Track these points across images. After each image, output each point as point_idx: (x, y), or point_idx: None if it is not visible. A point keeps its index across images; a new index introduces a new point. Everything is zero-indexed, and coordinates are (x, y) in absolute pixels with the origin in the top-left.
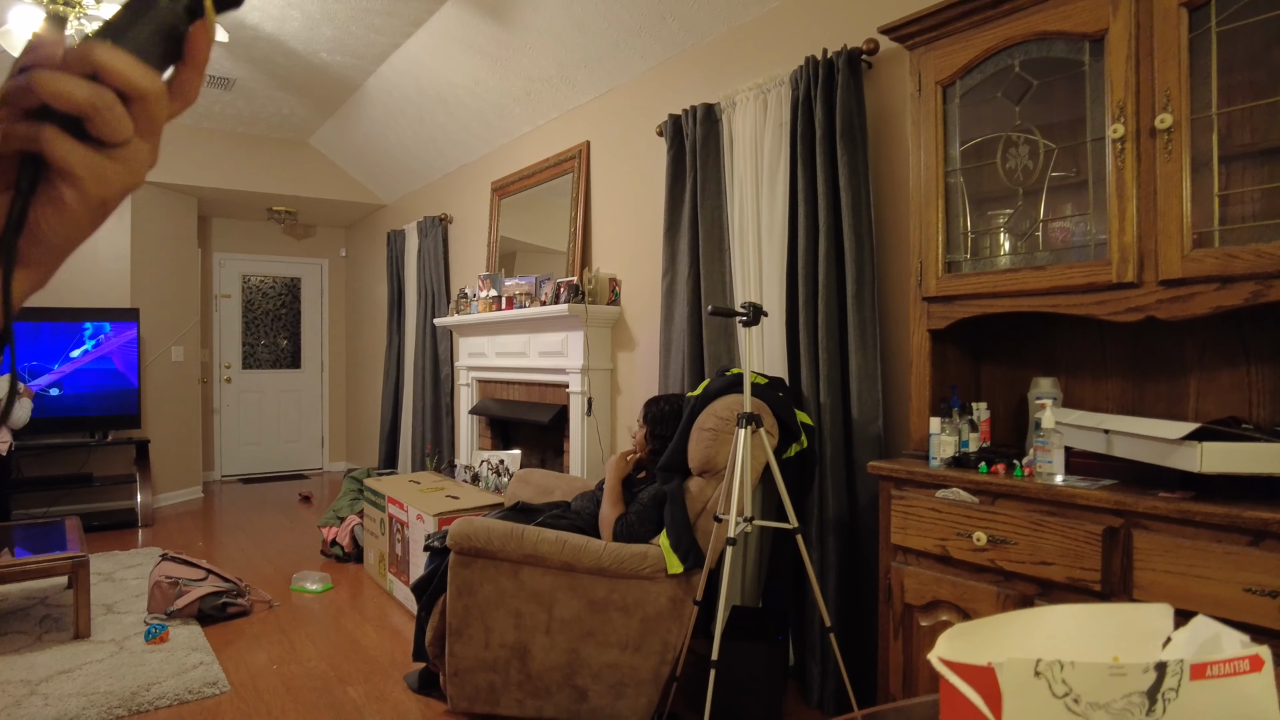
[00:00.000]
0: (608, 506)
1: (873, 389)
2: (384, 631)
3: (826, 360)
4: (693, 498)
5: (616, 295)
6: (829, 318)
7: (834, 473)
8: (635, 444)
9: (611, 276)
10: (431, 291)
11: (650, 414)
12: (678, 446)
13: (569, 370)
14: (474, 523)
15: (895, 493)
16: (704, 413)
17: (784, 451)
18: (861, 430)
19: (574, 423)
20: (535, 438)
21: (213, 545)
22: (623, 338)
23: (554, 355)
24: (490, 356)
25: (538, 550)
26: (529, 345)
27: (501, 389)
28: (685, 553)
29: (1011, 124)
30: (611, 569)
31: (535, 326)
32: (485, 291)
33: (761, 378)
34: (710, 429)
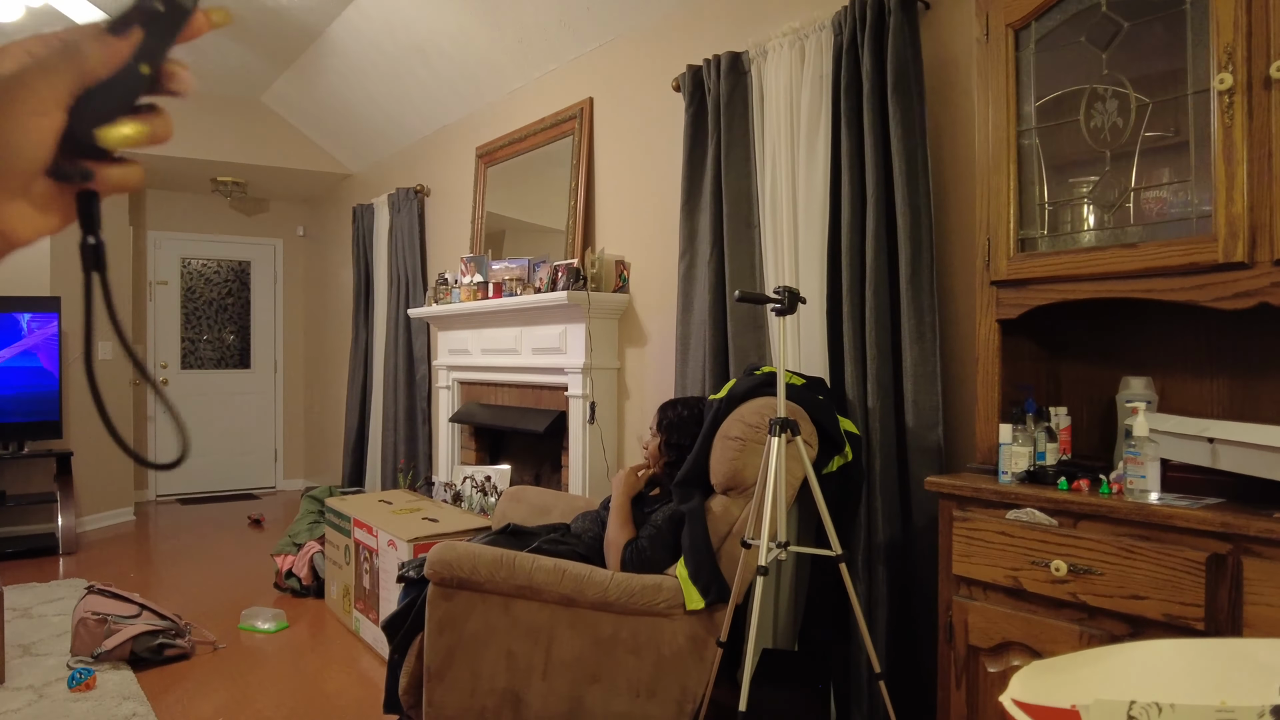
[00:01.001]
0: (615, 529)
1: (931, 390)
2: (350, 678)
3: (876, 357)
4: (715, 519)
5: (624, 281)
6: (878, 306)
7: (884, 490)
8: (647, 455)
9: (618, 259)
10: (405, 277)
11: (665, 420)
12: (698, 458)
13: (568, 370)
14: (457, 548)
15: (958, 514)
16: (729, 419)
17: (825, 465)
18: (917, 440)
19: (574, 432)
20: (528, 450)
21: (147, 576)
22: (632, 331)
23: (550, 352)
24: (475, 354)
25: (533, 580)
26: (521, 340)
27: (488, 392)
28: (706, 584)
29: (1097, 74)
30: (620, 603)
31: (528, 318)
32: (469, 277)
33: (798, 378)
34: (737, 438)
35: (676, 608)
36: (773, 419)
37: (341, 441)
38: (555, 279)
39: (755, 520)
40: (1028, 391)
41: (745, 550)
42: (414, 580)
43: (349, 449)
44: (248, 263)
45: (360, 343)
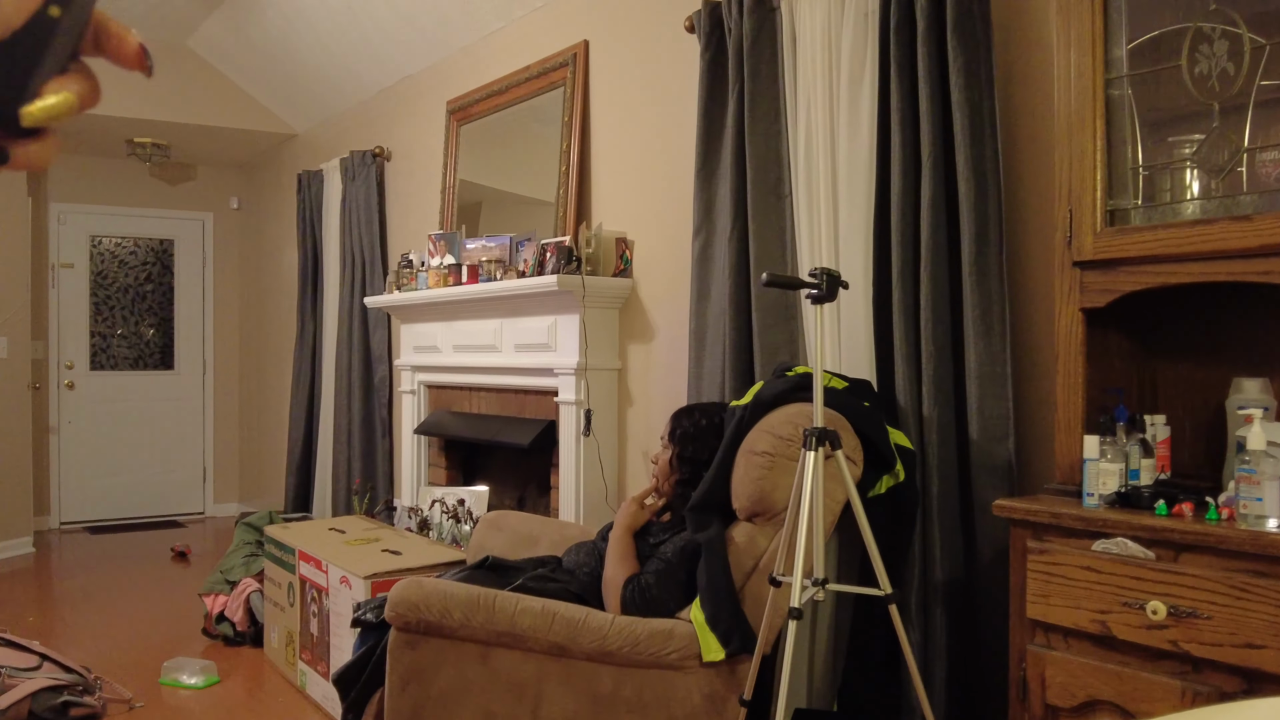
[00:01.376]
0: (613, 565)
1: (999, 395)
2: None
3: (933, 354)
4: (739, 551)
5: (627, 263)
6: (936, 292)
7: (943, 515)
8: (655, 472)
9: (620, 236)
10: (361, 258)
11: (679, 430)
12: (716, 478)
13: (559, 371)
14: (425, 585)
15: (1033, 544)
16: (756, 429)
17: (871, 486)
18: (983, 455)
19: (565, 446)
20: (510, 468)
21: (50, 620)
22: (636, 324)
23: (537, 349)
24: (445, 352)
25: (516, 625)
26: (501, 335)
27: (462, 398)
28: (727, 631)
29: (1203, 10)
30: (622, 653)
31: (510, 308)
32: (438, 258)
33: (839, 380)
34: (764, 453)
35: (691, 659)
36: (808, 429)
37: (284, 458)
38: (543, 261)
39: (787, 552)
40: (1118, 396)
41: (774, 589)
42: (372, 624)
43: (293, 467)
44: (171, 241)
45: (307, 338)
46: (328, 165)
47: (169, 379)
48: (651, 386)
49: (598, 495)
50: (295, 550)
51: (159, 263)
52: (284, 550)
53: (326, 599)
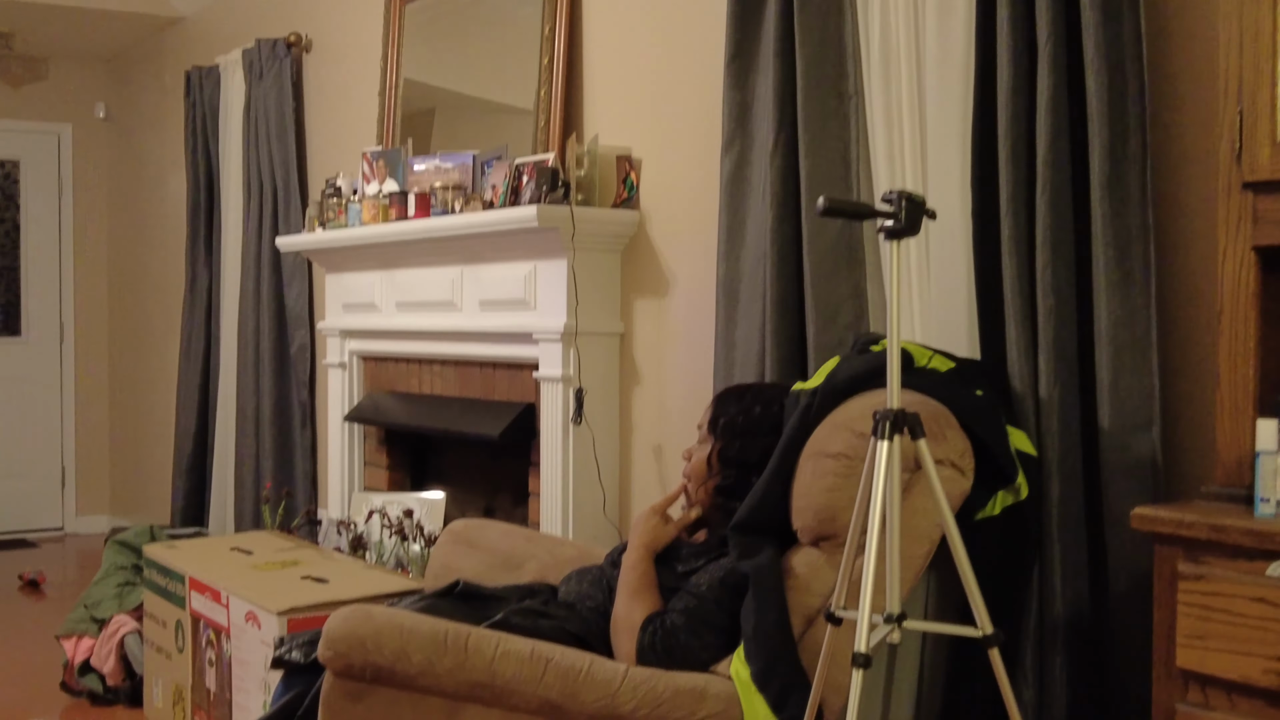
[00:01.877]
0: (628, 599)
1: (1141, 366)
2: None
3: (1053, 309)
4: (800, 586)
5: (631, 190)
6: (1057, 225)
7: (1065, 531)
8: (688, 472)
9: (622, 153)
10: (272, 185)
11: (722, 419)
12: (772, 486)
13: (540, 336)
14: (375, 616)
15: (1186, 568)
16: (827, 424)
17: (982, 505)
18: (1117, 446)
19: (548, 438)
20: (475, 468)
21: None
22: (644, 272)
23: (510, 308)
24: (386, 311)
25: (497, 675)
26: (461, 288)
27: (408, 374)
28: (782, 692)
29: None
30: (638, 715)
31: (474, 251)
32: (376, 185)
33: (943, 358)
34: (840, 454)
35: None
36: (880, 411)
37: (170, 456)
38: (517, 187)
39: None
40: None
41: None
42: (299, 667)
43: (182, 468)
44: (15, 164)
45: (199, 294)
46: (225, 59)
47: (14, 349)
48: (666, 357)
49: (592, 505)
50: (185, 577)
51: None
52: (170, 577)
53: (228, 642)
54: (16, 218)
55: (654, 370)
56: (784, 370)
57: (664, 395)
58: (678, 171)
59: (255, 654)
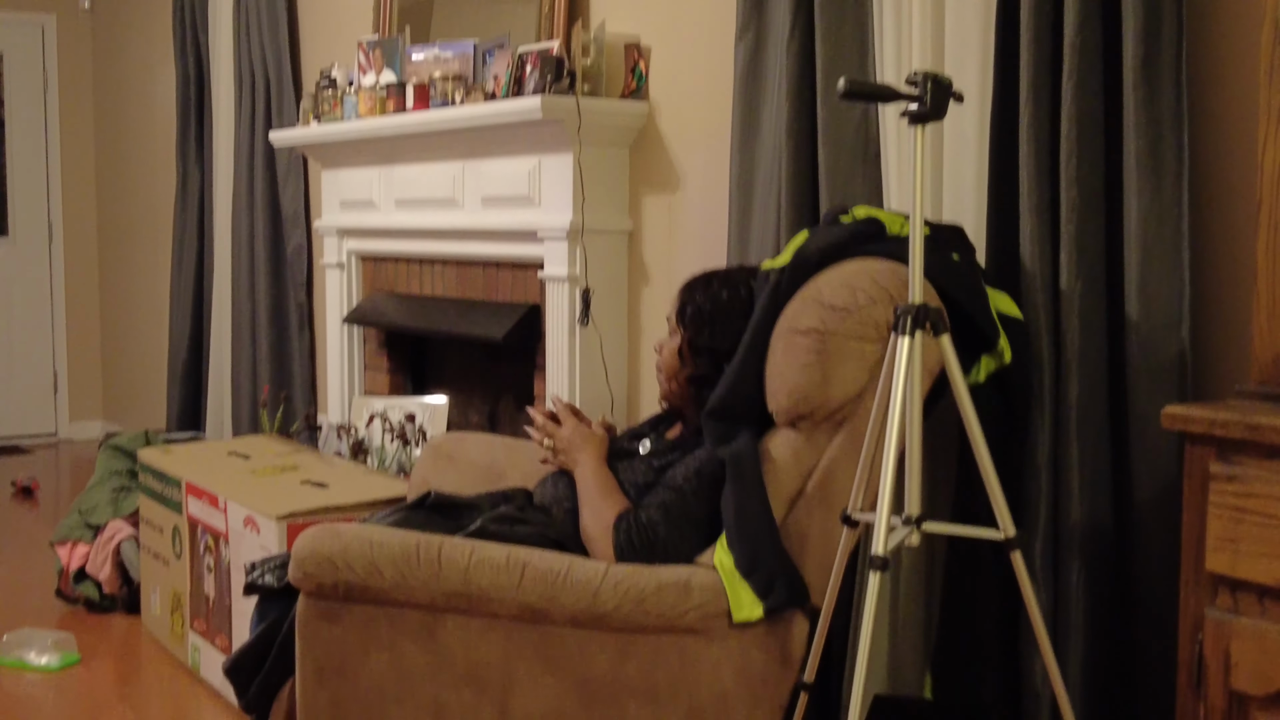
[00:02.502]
0: (594, 503)
1: (1172, 262)
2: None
3: (1075, 200)
4: (779, 470)
5: (640, 80)
6: (1083, 109)
7: (1085, 431)
8: (660, 365)
9: (631, 41)
10: (265, 78)
11: (690, 308)
12: (744, 369)
13: (545, 234)
14: (342, 533)
15: (1218, 469)
16: (798, 299)
17: (964, 372)
18: (1146, 345)
19: (555, 340)
20: (478, 372)
21: None
22: (654, 166)
23: (514, 204)
24: (384, 209)
25: (472, 583)
26: (462, 184)
27: (409, 274)
28: (768, 579)
29: None
30: (620, 614)
31: (476, 145)
32: (372, 76)
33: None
34: (812, 330)
35: (716, 619)
36: (901, 306)
37: (164, 360)
38: (520, 78)
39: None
40: None
41: (848, 530)
42: (274, 592)
43: (178, 372)
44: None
45: (191, 192)
46: None
47: (1, 250)
48: (677, 256)
49: (600, 407)
50: (181, 482)
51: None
52: (166, 483)
53: (226, 548)
54: (1, 113)
55: (664, 269)
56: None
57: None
58: (689, 60)
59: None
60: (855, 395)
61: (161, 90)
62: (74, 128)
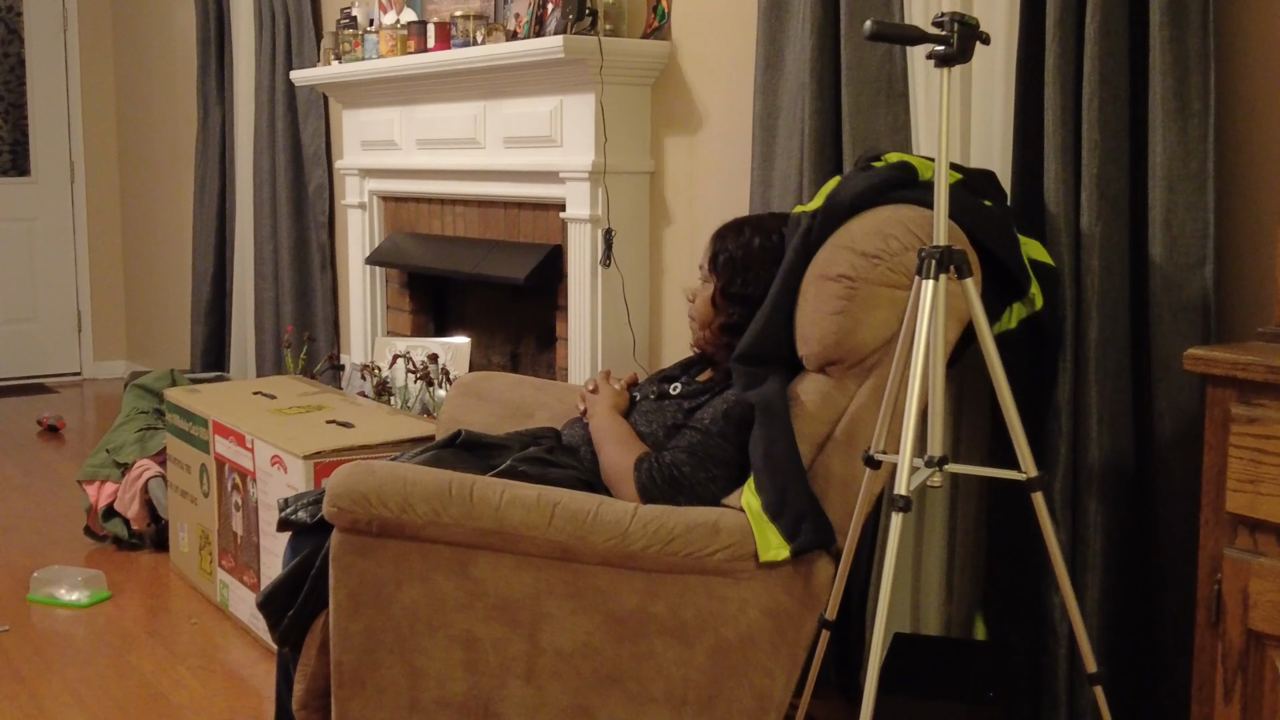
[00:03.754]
0: (613, 449)
1: (1196, 202)
2: (212, 682)
3: (1098, 142)
4: (807, 414)
5: (662, 18)
6: (1107, 50)
7: (1104, 370)
8: (693, 313)
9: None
10: (285, 16)
11: (724, 254)
12: (774, 314)
13: (566, 174)
14: (376, 470)
15: (1239, 410)
16: (829, 245)
17: (995, 319)
18: (1168, 286)
19: (577, 281)
20: (500, 313)
21: None
22: (676, 106)
23: (536, 145)
24: (406, 149)
25: (505, 520)
26: (484, 125)
27: (430, 215)
28: (795, 521)
29: None
30: (649, 554)
31: (497, 85)
32: (393, 14)
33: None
34: (843, 277)
35: (744, 560)
36: (926, 249)
37: (188, 299)
38: (542, 16)
39: (887, 420)
40: None
41: (870, 471)
42: (307, 527)
43: (201, 312)
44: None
45: (212, 132)
46: None
47: (24, 190)
48: (699, 196)
49: (622, 348)
50: (208, 421)
51: (2, 24)
52: (192, 421)
53: (253, 486)
54: (20, 53)
55: (686, 210)
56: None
57: (696, 236)
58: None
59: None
60: (885, 342)
61: (181, 28)
62: (94, 66)
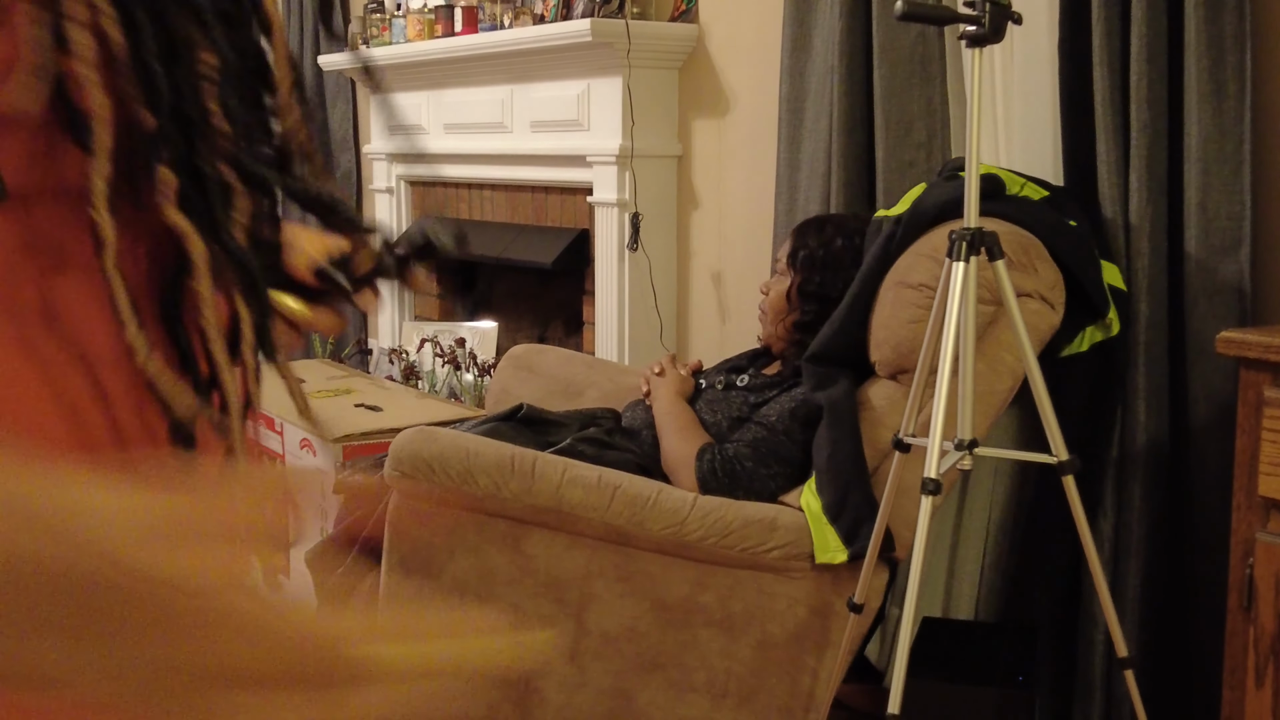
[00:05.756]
0: (676, 436)
1: (1232, 185)
2: None
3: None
4: (875, 419)
5: (689, 2)
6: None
7: (1150, 357)
8: (765, 306)
9: None
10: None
11: (802, 252)
12: (849, 317)
13: (594, 158)
14: (440, 438)
15: (1272, 394)
16: (911, 252)
17: (1069, 340)
18: (1203, 271)
19: (604, 265)
20: (526, 297)
21: None
22: (704, 89)
23: (563, 129)
24: (433, 133)
25: (563, 500)
26: (511, 109)
27: (457, 199)
28: (854, 525)
29: None
30: (704, 545)
31: (524, 69)
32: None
33: (1035, 186)
34: (923, 285)
35: (799, 560)
36: (956, 231)
37: None
38: (570, 1)
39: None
40: None
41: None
42: None
43: None
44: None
45: None
46: None
47: None
48: (726, 180)
49: (649, 334)
50: None
51: None
52: None
53: None
54: None
55: (713, 194)
56: (850, 192)
57: (723, 220)
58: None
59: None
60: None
61: None
62: None
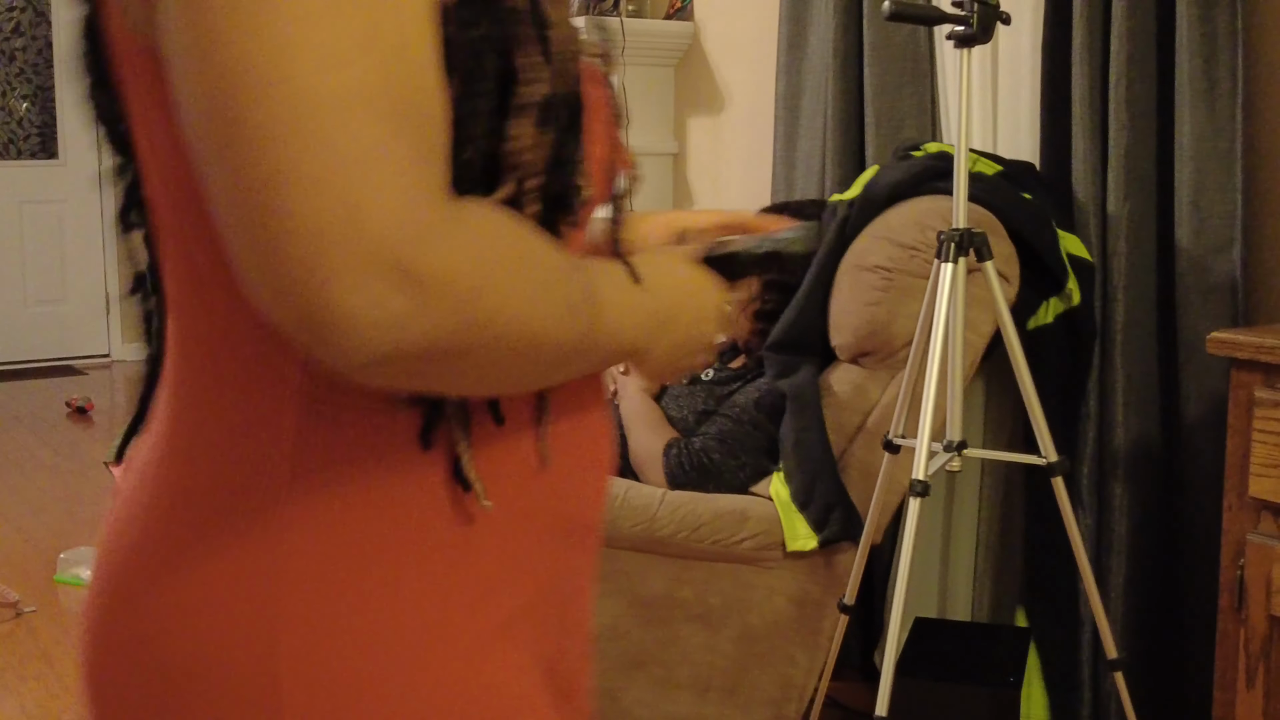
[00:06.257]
0: (644, 432)
1: (1224, 183)
2: None
3: (1126, 123)
4: (840, 404)
5: (685, 0)
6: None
7: (1130, 354)
8: None
9: None
10: None
11: None
12: (808, 303)
13: None
14: None
15: (1264, 394)
16: (866, 235)
17: (1031, 313)
18: (1195, 269)
19: None
20: None
21: None
22: (699, 87)
23: None
24: None
25: None
26: None
27: None
28: (823, 511)
29: None
30: (676, 540)
31: None
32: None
33: (989, 162)
34: (879, 268)
35: (771, 549)
36: (945, 232)
37: None
38: None
39: (906, 404)
40: None
41: (890, 456)
42: None
43: None
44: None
45: None
46: None
47: (52, 173)
48: (722, 178)
49: None
50: None
51: (30, 8)
52: None
53: None
54: (48, 35)
55: (709, 191)
56: (846, 186)
57: None
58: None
59: None
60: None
61: None
62: None
